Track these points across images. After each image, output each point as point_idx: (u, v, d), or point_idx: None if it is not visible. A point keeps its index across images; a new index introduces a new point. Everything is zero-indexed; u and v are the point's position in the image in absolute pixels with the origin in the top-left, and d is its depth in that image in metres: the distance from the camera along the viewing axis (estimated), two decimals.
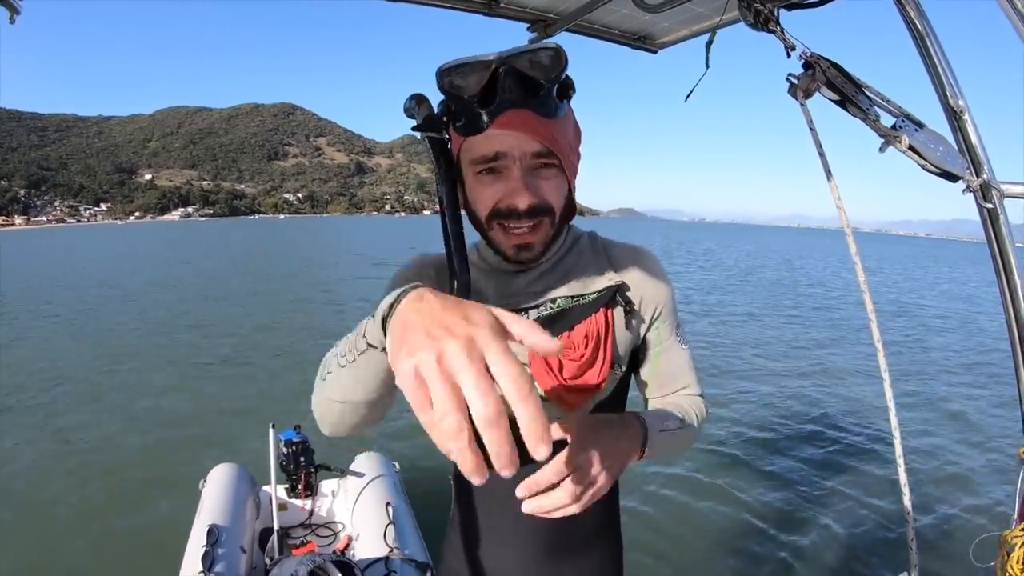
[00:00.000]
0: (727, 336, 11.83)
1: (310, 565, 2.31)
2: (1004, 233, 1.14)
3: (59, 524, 4.44)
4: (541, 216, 0.89)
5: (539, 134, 0.83)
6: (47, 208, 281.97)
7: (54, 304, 15.22)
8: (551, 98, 0.85)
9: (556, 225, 0.93)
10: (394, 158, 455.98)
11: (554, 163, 0.88)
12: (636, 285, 1.00)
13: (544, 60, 0.81)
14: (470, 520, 1.11)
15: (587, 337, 0.94)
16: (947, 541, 4.35)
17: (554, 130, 0.85)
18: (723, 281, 23.47)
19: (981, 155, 1.14)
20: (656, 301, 1.01)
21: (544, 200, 0.88)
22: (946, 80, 1.14)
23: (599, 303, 0.96)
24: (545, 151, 0.85)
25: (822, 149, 1.26)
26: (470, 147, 0.87)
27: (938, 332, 13.49)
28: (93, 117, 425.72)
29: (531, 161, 0.86)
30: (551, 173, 0.88)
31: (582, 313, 0.96)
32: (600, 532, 1.11)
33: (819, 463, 5.68)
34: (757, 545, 4.29)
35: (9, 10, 1.24)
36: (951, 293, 23.07)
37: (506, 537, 1.07)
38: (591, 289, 0.98)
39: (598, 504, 1.08)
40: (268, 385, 8.18)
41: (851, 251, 1.22)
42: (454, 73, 0.81)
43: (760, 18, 1.28)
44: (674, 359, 1.05)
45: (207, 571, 2.53)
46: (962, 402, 7.90)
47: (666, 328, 1.04)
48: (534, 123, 0.83)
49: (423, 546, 2.92)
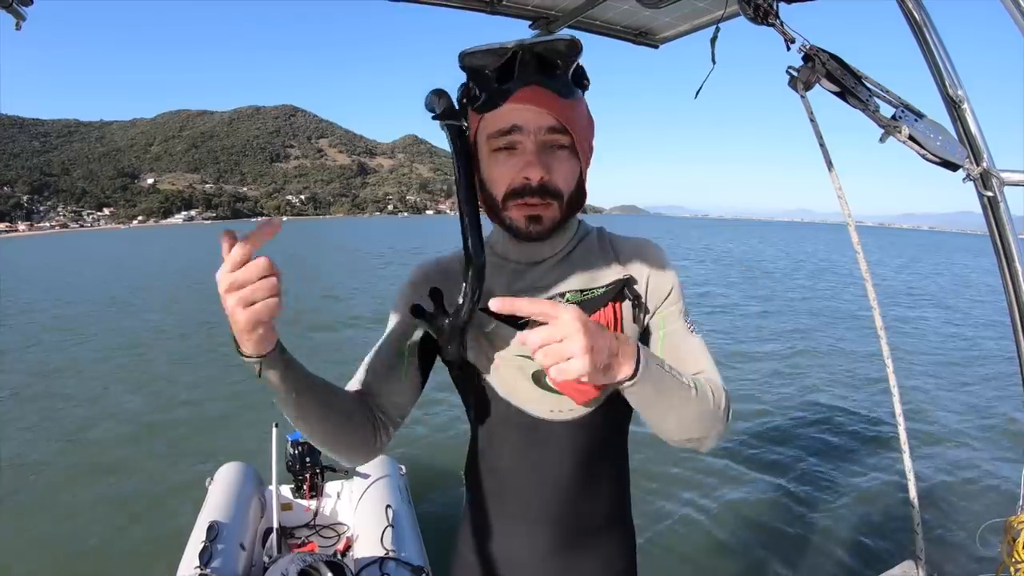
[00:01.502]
0: (731, 326, 11.85)
1: (301, 564, 2.34)
2: (1004, 220, 1.15)
3: (67, 517, 4.50)
4: (551, 199, 0.92)
5: (553, 109, 0.88)
6: (50, 214, 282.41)
7: (65, 309, 15.28)
8: (566, 80, 0.90)
9: (564, 210, 0.95)
10: (396, 158, 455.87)
11: (567, 144, 0.92)
12: (642, 277, 1.02)
13: (560, 47, 0.88)
14: (482, 511, 1.13)
15: None
16: (953, 527, 4.37)
17: (568, 107, 0.90)
18: (717, 277, 23.44)
19: (981, 144, 1.15)
20: (661, 290, 1.02)
21: (554, 180, 0.91)
22: (945, 70, 1.15)
23: (607, 297, 0.98)
24: (559, 127, 0.89)
25: (823, 140, 1.27)
26: (487, 123, 0.92)
27: (941, 321, 13.46)
28: (95, 122, 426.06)
29: (545, 136, 0.90)
30: (564, 155, 0.92)
31: (591, 307, 0.97)
32: (612, 522, 1.12)
33: (824, 451, 5.71)
34: (764, 532, 4.33)
35: (15, 16, 1.26)
36: (952, 282, 22.99)
37: (518, 527, 1.09)
38: (599, 283, 1.00)
39: (609, 494, 1.10)
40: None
41: (853, 241, 1.23)
42: (476, 54, 0.88)
43: (760, 12, 1.29)
44: (681, 344, 1.02)
45: (203, 566, 2.57)
46: (967, 389, 7.90)
47: (671, 313, 1.02)
48: (549, 99, 0.88)
49: (422, 549, 2.94)
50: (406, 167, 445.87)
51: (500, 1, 1.76)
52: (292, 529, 3.32)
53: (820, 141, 1.24)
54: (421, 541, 3.03)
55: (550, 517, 1.05)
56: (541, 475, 1.05)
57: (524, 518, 1.07)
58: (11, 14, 1.25)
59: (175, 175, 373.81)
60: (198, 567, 2.57)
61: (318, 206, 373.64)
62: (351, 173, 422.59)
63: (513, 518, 1.09)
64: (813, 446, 5.81)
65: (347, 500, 3.42)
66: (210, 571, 2.56)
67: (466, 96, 0.93)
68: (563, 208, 0.95)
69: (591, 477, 1.06)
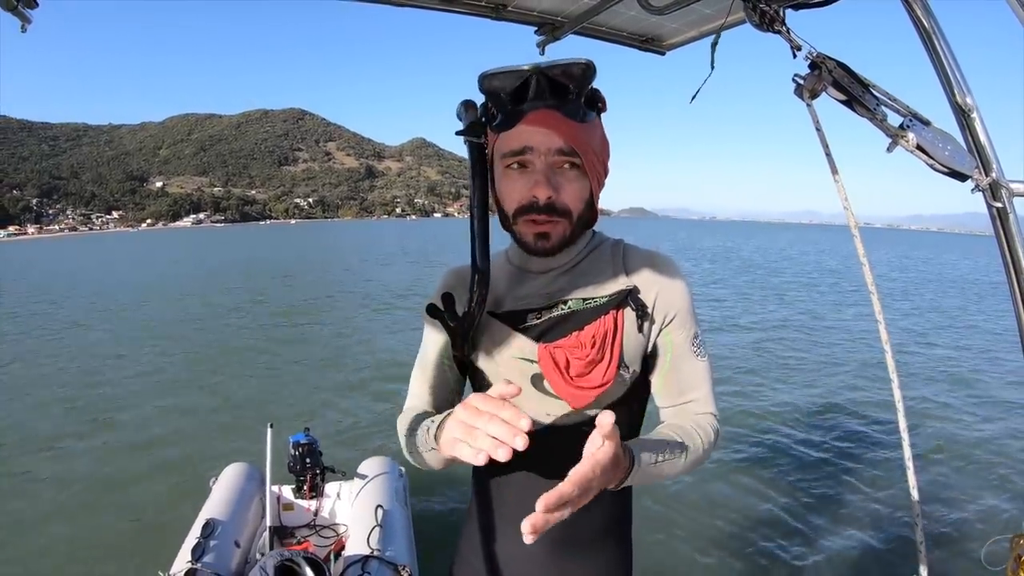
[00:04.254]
0: (734, 336, 11.80)
1: (279, 559, 2.38)
2: (1014, 232, 1.14)
3: (67, 515, 4.50)
4: (558, 217, 0.97)
5: (563, 132, 0.92)
6: (59, 217, 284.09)
7: (88, 306, 15.36)
8: (579, 104, 0.94)
9: (573, 228, 1.00)
10: (404, 161, 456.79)
11: (577, 164, 0.95)
12: (650, 290, 1.03)
13: (574, 71, 0.91)
14: (482, 513, 1.16)
15: (595, 338, 0.98)
16: (957, 544, 4.30)
17: (579, 131, 0.93)
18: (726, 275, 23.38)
19: (990, 154, 1.14)
20: (669, 306, 1.03)
21: (561, 199, 0.96)
22: (954, 78, 1.13)
23: (610, 306, 1.00)
24: (568, 149, 0.93)
25: (829, 150, 1.25)
26: (502, 143, 0.97)
27: (946, 332, 13.36)
28: (103, 126, 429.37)
29: (555, 158, 0.94)
30: (574, 175, 0.96)
31: (593, 315, 1.00)
32: (608, 535, 1.13)
33: (828, 464, 5.64)
34: (765, 546, 4.27)
35: (20, 19, 1.26)
36: (961, 291, 22.84)
37: (515, 531, 1.09)
38: (603, 293, 1.02)
39: (606, 506, 1.09)
40: (295, 386, 8.31)
41: (859, 252, 1.21)
42: (494, 77, 0.93)
43: (766, 19, 1.28)
44: (685, 369, 1.05)
45: (194, 561, 2.62)
46: (974, 403, 7.82)
47: (679, 336, 1.04)
48: (559, 122, 0.92)
49: (410, 549, 2.97)
50: (414, 170, 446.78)
51: (506, 7, 1.75)
52: (293, 529, 3.38)
53: (826, 150, 1.23)
54: (411, 541, 3.06)
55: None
56: (536, 480, 1.06)
57: (520, 520, 1.08)
58: (16, 16, 1.25)
59: (184, 178, 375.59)
60: (189, 562, 2.63)
61: (326, 209, 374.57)
62: (359, 176, 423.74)
63: (510, 521, 1.10)
64: (815, 460, 5.74)
65: (347, 501, 3.46)
66: (200, 566, 2.62)
67: (485, 115, 1.00)
68: (572, 226, 0.99)
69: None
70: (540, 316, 1.03)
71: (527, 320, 1.04)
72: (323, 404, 7.39)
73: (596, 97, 0.98)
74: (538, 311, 1.03)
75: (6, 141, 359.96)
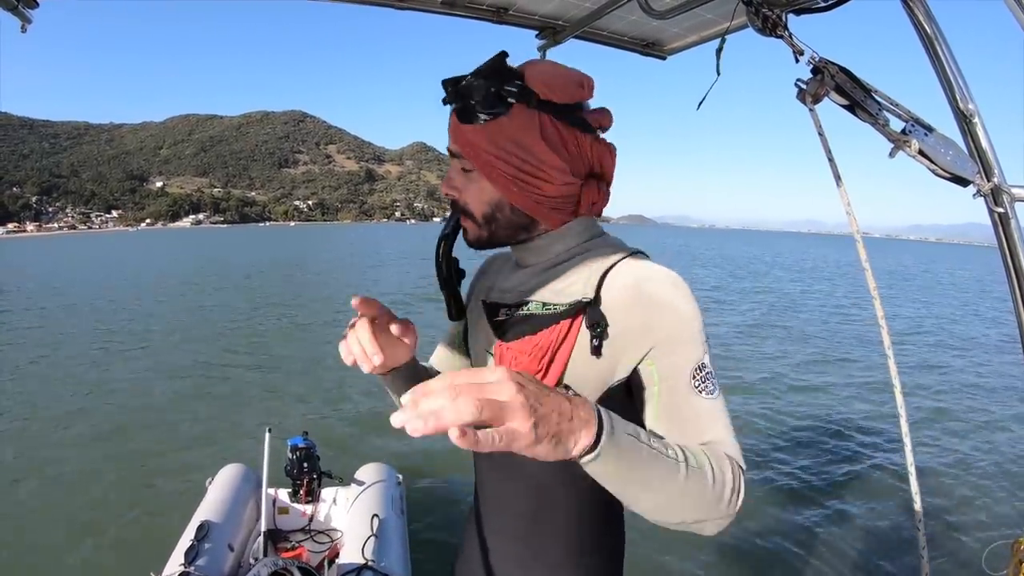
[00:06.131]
0: (735, 341, 11.80)
1: (272, 568, 2.37)
2: (1016, 238, 1.13)
3: (64, 516, 4.48)
4: (465, 216, 1.01)
5: (452, 135, 0.95)
6: (58, 215, 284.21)
7: (84, 307, 15.34)
8: (470, 105, 0.90)
9: (492, 229, 1.00)
10: (404, 165, 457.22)
11: (468, 167, 0.96)
12: (624, 309, 0.88)
13: (479, 69, 0.90)
14: (473, 517, 1.17)
15: (541, 347, 0.91)
16: (959, 548, 4.30)
17: (466, 133, 0.92)
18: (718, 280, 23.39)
19: (992, 159, 1.13)
20: (648, 332, 0.86)
21: (463, 199, 0.99)
22: (956, 83, 1.13)
23: (563, 316, 0.91)
24: (456, 151, 0.96)
25: (831, 155, 1.25)
26: None
27: (952, 342, 13.37)
28: (104, 125, 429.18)
29: (454, 160, 0.98)
30: (474, 176, 0.96)
31: (548, 322, 0.93)
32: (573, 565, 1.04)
33: (829, 470, 5.63)
34: (766, 552, 4.25)
35: (20, 19, 1.26)
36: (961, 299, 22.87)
37: (492, 539, 1.11)
38: (563, 300, 0.94)
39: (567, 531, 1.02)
40: (293, 389, 8.28)
41: (861, 258, 1.21)
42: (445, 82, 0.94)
43: (768, 23, 1.28)
44: (682, 405, 0.84)
45: (187, 564, 2.60)
46: (974, 408, 7.82)
47: (668, 366, 0.85)
48: (452, 124, 0.94)
49: (405, 559, 2.94)
50: (414, 174, 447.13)
51: (507, 11, 1.75)
52: (287, 533, 3.32)
53: (829, 156, 1.23)
54: (407, 551, 3.03)
55: (511, 536, 1.06)
56: (500, 491, 1.06)
57: (493, 531, 1.10)
58: (16, 16, 1.25)
59: (184, 178, 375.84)
60: (182, 565, 2.61)
61: (326, 212, 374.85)
62: (359, 179, 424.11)
63: (489, 530, 1.11)
64: (816, 466, 5.73)
65: (343, 507, 3.43)
66: (193, 569, 2.59)
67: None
68: (484, 227, 1.00)
69: (546, 504, 1.01)
70: (509, 313, 1.01)
71: (499, 314, 1.02)
72: (321, 408, 7.37)
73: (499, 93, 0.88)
74: (508, 307, 1.02)
75: (7, 138, 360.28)
